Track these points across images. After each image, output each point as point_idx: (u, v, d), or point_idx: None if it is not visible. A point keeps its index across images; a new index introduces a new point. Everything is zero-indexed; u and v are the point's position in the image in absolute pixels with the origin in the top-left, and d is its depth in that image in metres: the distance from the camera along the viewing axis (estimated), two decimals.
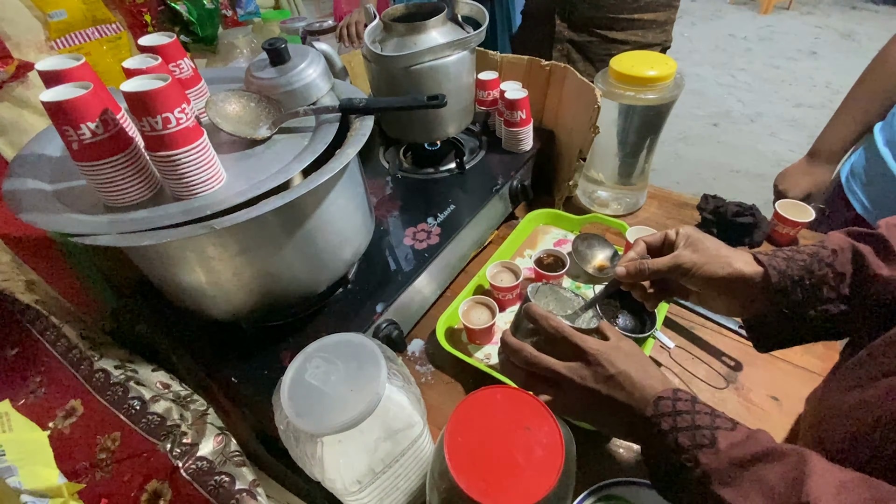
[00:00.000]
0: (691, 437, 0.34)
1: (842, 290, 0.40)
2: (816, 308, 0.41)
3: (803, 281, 0.41)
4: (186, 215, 0.45)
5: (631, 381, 0.39)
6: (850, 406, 0.39)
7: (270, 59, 0.59)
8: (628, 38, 1.12)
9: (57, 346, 0.48)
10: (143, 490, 0.37)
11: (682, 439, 0.34)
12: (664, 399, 0.36)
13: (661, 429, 0.35)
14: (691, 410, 0.35)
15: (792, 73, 3.36)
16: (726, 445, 0.32)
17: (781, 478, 0.30)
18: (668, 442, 0.34)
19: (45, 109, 0.41)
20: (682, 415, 0.35)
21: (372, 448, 0.38)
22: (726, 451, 0.32)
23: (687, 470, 0.33)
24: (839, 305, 0.40)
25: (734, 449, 0.32)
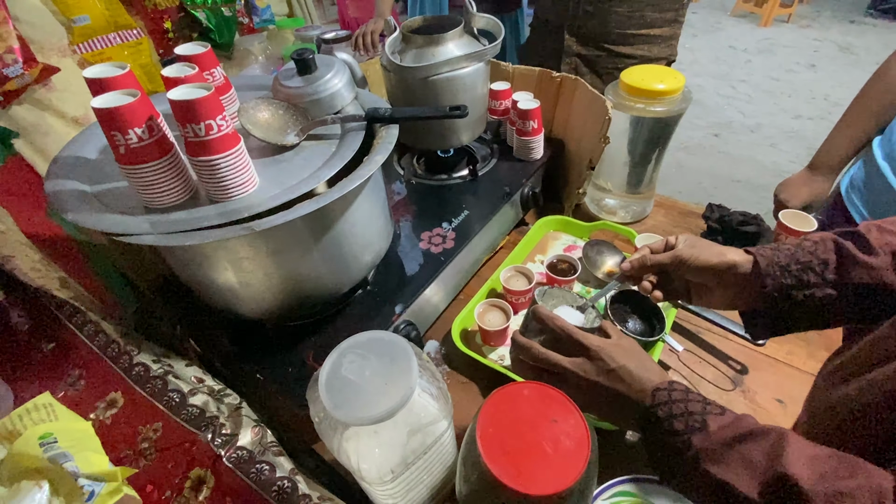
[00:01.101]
0: (685, 422, 0.37)
1: (826, 275, 0.43)
2: (804, 292, 0.44)
3: (789, 266, 0.44)
4: (223, 217, 0.47)
5: (630, 375, 0.42)
6: (835, 401, 0.42)
7: (298, 68, 0.61)
8: (635, 52, 1.15)
9: (95, 341, 0.50)
10: (186, 477, 0.38)
11: (677, 424, 0.37)
12: (661, 390, 0.40)
13: (658, 416, 0.38)
14: (685, 399, 0.39)
15: (791, 85, 3.41)
16: (716, 428, 0.36)
17: (762, 453, 0.33)
18: (664, 427, 0.38)
19: (96, 115, 0.43)
20: (676, 403, 0.38)
21: (404, 440, 0.40)
22: (716, 432, 0.36)
23: (681, 452, 0.36)
24: (824, 290, 0.43)
25: (722, 431, 0.35)
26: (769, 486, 0.32)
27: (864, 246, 0.43)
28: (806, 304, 0.44)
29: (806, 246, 0.45)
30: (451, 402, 0.45)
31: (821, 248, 0.45)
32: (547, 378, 0.45)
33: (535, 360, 0.47)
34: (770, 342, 0.70)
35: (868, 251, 0.42)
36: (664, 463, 0.39)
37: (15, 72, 0.87)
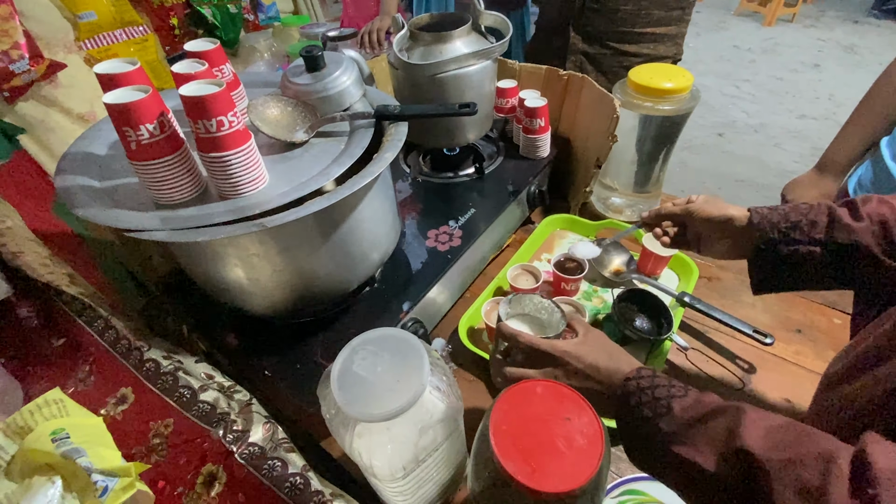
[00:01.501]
0: (652, 408, 0.38)
1: (813, 234, 0.48)
2: (788, 247, 0.49)
3: (779, 224, 0.50)
4: (233, 214, 0.47)
5: (598, 370, 0.44)
6: (840, 399, 0.43)
7: (307, 65, 0.61)
8: (640, 50, 1.15)
9: (105, 337, 0.50)
10: (198, 473, 0.38)
11: (646, 411, 0.38)
12: (630, 379, 0.41)
13: (629, 405, 0.40)
14: (651, 385, 0.40)
15: (795, 84, 3.40)
16: (679, 409, 0.37)
17: (722, 429, 0.34)
18: (636, 416, 0.39)
19: (108, 111, 0.43)
20: (644, 391, 0.40)
21: (416, 437, 0.40)
22: (680, 414, 0.37)
23: (652, 437, 0.37)
24: (808, 247, 0.48)
25: (685, 412, 0.37)
26: (729, 459, 0.33)
27: (854, 212, 0.47)
28: (790, 260, 0.49)
29: (801, 208, 0.50)
30: (461, 400, 0.45)
31: (814, 211, 0.49)
32: None
33: (511, 379, 0.49)
34: (778, 342, 0.69)
35: (856, 216, 0.46)
36: (638, 449, 0.40)
37: (21, 68, 0.87)
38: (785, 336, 0.73)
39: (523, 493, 0.33)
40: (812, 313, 0.77)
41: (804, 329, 0.74)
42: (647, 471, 0.40)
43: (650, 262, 0.79)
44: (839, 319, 0.75)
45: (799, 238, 0.48)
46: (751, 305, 0.78)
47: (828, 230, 0.47)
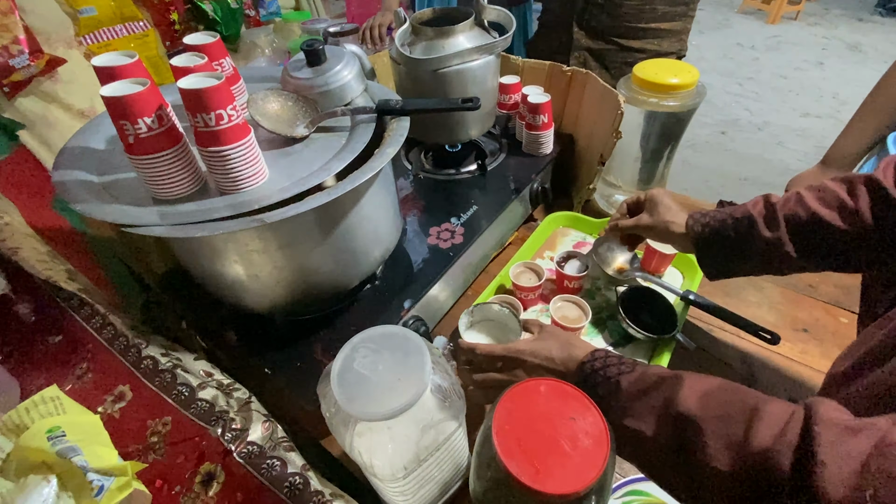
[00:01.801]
0: (605, 387, 0.41)
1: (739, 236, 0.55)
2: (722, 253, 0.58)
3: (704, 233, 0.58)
4: (233, 209, 0.46)
5: (553, 360, 0.47)
6: (843, 399, 0.41)
7: (308, 59, 0.60)
8: (644, 46, 1.13)
9: (103, 334, 0.49)
10: (196, 472, 0.38)
11: (601, 390, 0.41)
12: (585, 363, 0.44)
13: (586, 386, 0.41)
14: (603, 366, 0.43)
15: (799, 82, 3.38)
16: (626, 384, 0.40)
17: (663, 398, 0.37)
18: (594, 397, 0.39)
19: (105, 104, 0.42)
20: (597, 371, 0.43)
21: (417, 436, 0.39)
22: (627, 388, 0.40)
23: (607, 415, 0.37)
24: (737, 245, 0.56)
25: (632, 386, 0.40)
26: (668, 424, 0.36)
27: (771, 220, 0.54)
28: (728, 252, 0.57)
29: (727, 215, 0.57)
30: (463, 399, 0.44)
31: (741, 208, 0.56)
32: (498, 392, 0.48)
33: (480, 385, 0.54)
34: (784, 341, 0.68)
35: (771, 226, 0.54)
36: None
37: (21, 63, 0.87)
38: (791, 335, 0.72)
39: (526, 495, 0.32)
40: (819, 312, 0.76)
41: (811, 328, 0.73)
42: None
43: (654, 259, 0.78)
44: (846, 319, 0.74)
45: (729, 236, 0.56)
46: (756, 304, 0.77)
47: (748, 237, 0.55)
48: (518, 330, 0.59)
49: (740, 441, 0.31)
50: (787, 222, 0.53)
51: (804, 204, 0.52)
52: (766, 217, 0.54)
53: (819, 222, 0.51)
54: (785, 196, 0.55)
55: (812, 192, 0.53)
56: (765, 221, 0.54)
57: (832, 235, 0.50)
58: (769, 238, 0.53)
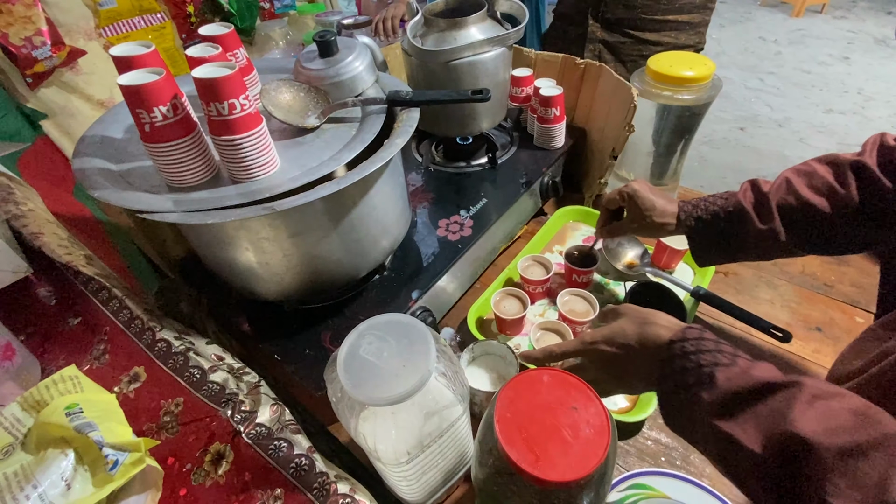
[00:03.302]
0: (695, 376, 0.36)
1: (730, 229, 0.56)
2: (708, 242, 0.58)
3: (697, 212, 0.58)
4: (244, 197, 0.47)
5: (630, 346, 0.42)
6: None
7: (320, 50, 0.61)
8: (661, 39, 1.11)
9: (119, 317, 0.51)
10: (206, 451, 0.39)
11: (688, 378, 0.36)
12: (675, 342, 0.39)
13: (672, 370, 0.38)
14: (697, 350, 0.37)
15: (823, 77, 3.29)
16: (723, 380, 0.35)
17: (772, 409, 0.32)
18: (677, 382, 0.37)
19: (122, 92, 0.43)
20: (688, 355, 0.37)
21: (421, 423, 0.40)
22: (723, 385, 0.34)
23: (692, 407, 0.35)
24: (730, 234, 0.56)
25: (729, 382, 0.34)
26: (776, 442, 0.30)
27: (763, 213, 0.53)
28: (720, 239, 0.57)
29: (718, 205, 0.57)
30: (467, 388, 0.45)
31: (732, 199, 0.56)
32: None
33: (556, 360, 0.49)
34: (796, 340, 0.68)
35: (763, 218, 0.53)
36: (676, 417, 0.38)
37: (43, 54, 0.89)
38: (804, 334, 0.71)
39: (527, 482, 0.32)
40: (833, 311, 0.74)
41: (824, 327, 0.72)
42: (685, 438, 0.39)
43: (665, 255, 0.77)
44: (861, 318, 0.73)
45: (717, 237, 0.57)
46: (769, 302, 0.76)
47: (742, 229, 0.54)
48: (516, 364, 0.59)
49: (876, 485, 0.26)
50: (779, 211, 0.53)
51: (794, 190, 0.52)
52: (757, 207, 0.54)
53: (810, 209, 0.51)
54: (775, 183, 0.55)
55: (801, 178, 0.53)
56: (757, 213, 0.54)
57: (823, 221, 0.51)
58: (763, 230, 0.53)
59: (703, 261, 0.60)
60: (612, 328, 0.44)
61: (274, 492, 0.37)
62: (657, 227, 0.61)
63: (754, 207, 0.54)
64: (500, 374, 0.62)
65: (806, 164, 0.54)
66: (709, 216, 0.57)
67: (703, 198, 0.59)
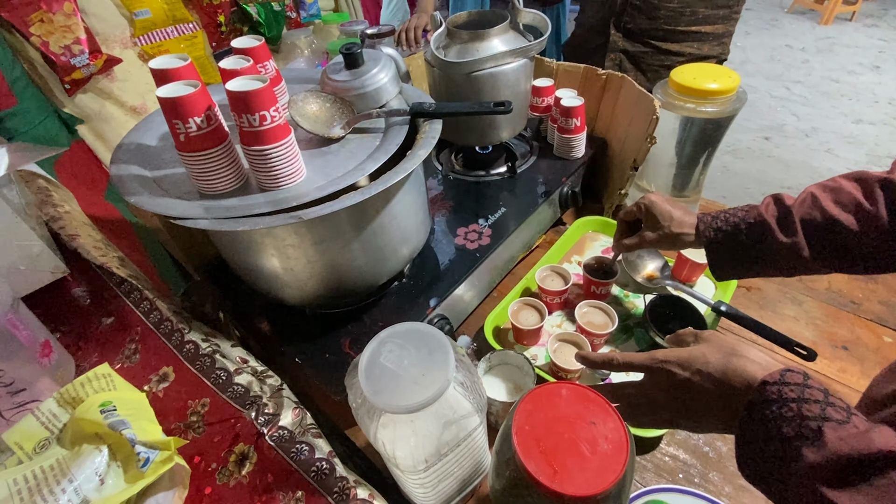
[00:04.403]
0: (796, 428, 0.31)
1: (753, 241, 0.54)
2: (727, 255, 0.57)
3: (717, 222, 0.57)
4: (272, 205, 0.48)
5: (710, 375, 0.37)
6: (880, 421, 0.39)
7: (346, 62, 0.62)
8: (684, 49, 1.11)
9: (150, 318, 0.53)
10: (231, 452, 0.40)
11: (786, 429, 0.31)
12: (770, 384, 0.34)
13: (763, 415, 0.33)
14: (799, 397, 0.32)
15: (852, 87, 3.21)
16: (835, 439, 0.29)
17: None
18: (769, 430, 0.32)
19: (160, 104, 0.45)
20: (788, 402, 0.32)
21: (439, 431, 0.40)
22: (834, 446, 0.29)
23: (787, 462, 0.31)
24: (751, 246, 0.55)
25: (843, 444, 0.29)
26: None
27: (785, 225, 0.52)
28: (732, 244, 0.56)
29: (738, 216, 0.56)
30: (485, 398, 0.45)
31: (753, 212, 0.55)
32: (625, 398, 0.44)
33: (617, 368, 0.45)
34: (821, 359, 0.66)
35: (786, 231, 0.52)
36: (758, 467, 0.34)
37: (81, 62, 0.93)
38: (829, 352, 0.69)
39: (544, 495, 0.33)
40: (860, 329, 0.72)
41: (850, 346, 0.70)
42: (763, 491, 0.35)
43: (686, 268, 0.76)
44: (890, 338, 0.71)
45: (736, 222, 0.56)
46: (793, 319, 0.74)
47: (763, 243, 0.53)
48: (533, 374, 0.59)
49: None
50: (803, 226, 0.51)
51: (820, 206, 0.51)
52: (780, 221, 0.53)
53: (836, 225, 0.50)
54: (799, 197, 0.54)
55: (827, 194, 0.52)
56: (779, 226, 0.53)
57: (849, 238, 0.49)
58: (785, 243, 0.52)
59: (721, 274, 0.59)
60: (690, 352, 0.40)
61: (295, 494, 0.38)
62: (675, 238, 0.61)
63: (777, 221, 0.53)
64: (516, 384, 0.62)
65: (832, 179, 0.53)
66: (729, 228, 0.56)
67: (724, 210, 0.59)
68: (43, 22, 0.88)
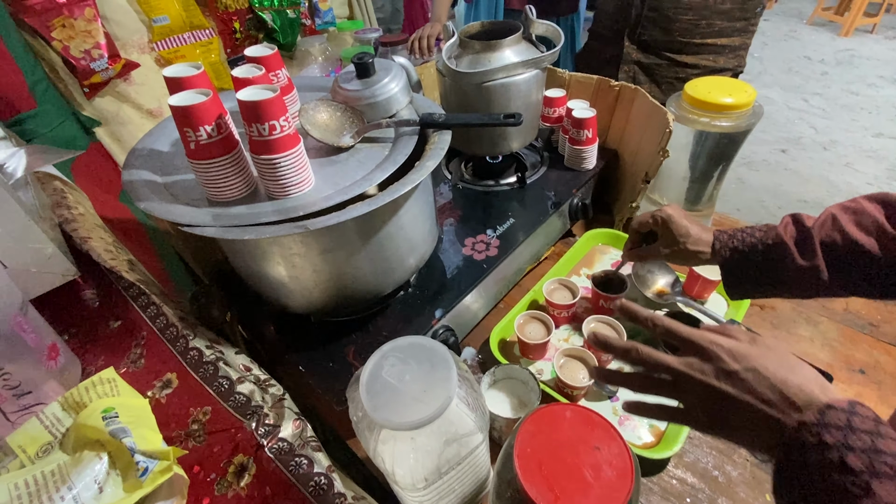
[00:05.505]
0: (866, 461, 0.28)
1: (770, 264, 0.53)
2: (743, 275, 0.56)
3: (734, 243, 0.56)
4: (280, 214, 0.48)
5: (767, 381, 0.34)
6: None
7: (357, 72, 0.62)
8: (699, 62, 1.10)
9: (156, 323, 0.53)
10: (230, 462, 0.40)
11: (853, 460, 0.29)
12: (835, 409, 0.31)
13: (822, 440, 0.30)
14: (873, 431, 0.29)
15: (872, 100, 3.14)
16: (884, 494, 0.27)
17: None
18: (829, 457, 0.29)
19: (172, 112, 0.46)
20: (857, 432, 0.29)
21: (440, 449, 0.40)
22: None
23: (850, 496, 0.28)
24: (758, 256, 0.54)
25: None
26: None
27: (804, 248, 0.51)
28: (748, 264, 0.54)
29: (756, 237, 0.55)
30: (487, 416, 0.44)
31: (772, 233, 0.54)
32: (658, 387, 0.38)
33: (637, 362, 0.39)
34: (837, 382, 0.64)
35: (804, 254, 0.51)
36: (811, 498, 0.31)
37: (100, 66, 0.95)
38: (846, 376, 0.67)
39: None
40: (878, 353, 0.70)
41: (868, 370, 0.68)
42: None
43: (697, 284, 0.75)
44: None
45: (752, 242, 0.55)
46: (809, 340, 0.72)
47: (781, 264, 0.52)
48: (538, 390, 0.59)
49: None
50: (823, 249, 0.50)
51: (840, 228, 0.50)
52: (799, 243, 0.51)
53: (857, 249, 0.48)
54: (819, 219, 0.52)
55: (848, 215, 0.50)
56: (798, 248, 0.51)
57: (871, 262, 0.48)
58: (804, 266, 0.50)
59: (736, 294, 0.58)
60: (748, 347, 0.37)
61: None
62: (690, 254, 0.60)
63: (796, 242, 0.52)
64: (520, 399, 0.61)
65: (854, 200, 0.52)
66: (745, 248, 0.55)
67: (741, 228, 0.57)
68: (64, 27, 0.90)
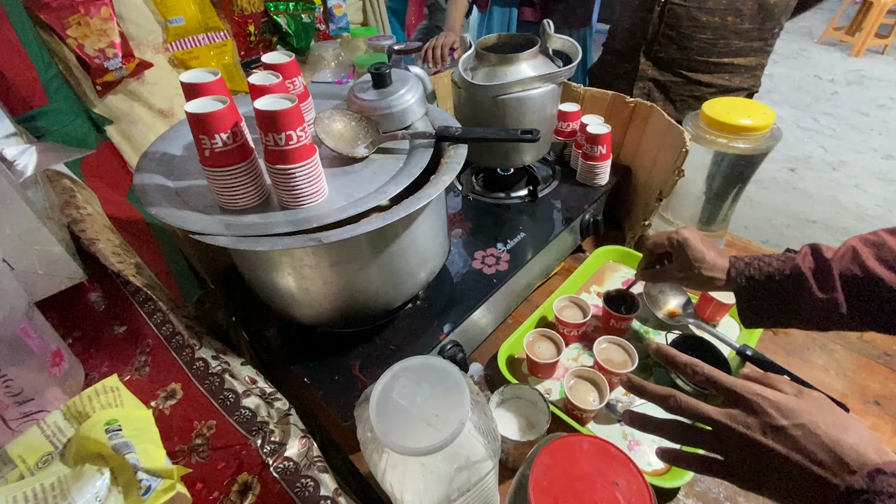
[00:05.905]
0: None
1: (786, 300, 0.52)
2: (759, 305, 0.55)
3: (750, 271, 0.55)
4: (292, 225, 0.48)
5: (818, 439, 0.32)
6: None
7: (374, 81, 0.62)
8: (714, 80, 1.09)
9: (162, 330, 0.52)
10: (234, 481, 0.39)
11: None
12: (886, 475, 0.29)
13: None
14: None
15: (883, 121, 3.14)
16: None
17: None
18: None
19: (188, 119, 0.45)
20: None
21: (451, 476, 0.38)
22: None
23: None
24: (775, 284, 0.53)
25: None
26: None
27: (823, 281, 0.50)
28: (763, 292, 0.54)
29: (773, 267, 0.54)
30: (499, 441, 0.43)
31: (790, 263, 0.53)
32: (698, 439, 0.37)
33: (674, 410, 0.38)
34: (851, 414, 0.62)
35: (823, 287, 0.50)
36: None
37: (114, 65, 0.95)
38: (860, 407, 0.66)
39: None
40: (894, 384, 0.69)
41: (883, 401, 0.67)
42: None
43: (710, 307, 0.74)
44: None
45: (768, 272, 0.54)
46: (823, 368, 0.71)
47: (798, 296, 0.51)
48: (547, 412, 0.58)
49: None
50: (842, 282, 0.49)
51: (861, 262, 0.49)
52: (817, 275, 0.50)
53: (878, 283, 0.47)
54: (839, 251, 0.51)
55: (869, 248, 0.49)
56: (816, 280, 0.50)
57: (891, 297, 0.47)
58: (822, 299, 0.50)
59: (750, 323, 0.57)
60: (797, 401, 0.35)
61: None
62: (704, 280, 0.59)
63: (814, 274, 0.51)
64: (529, 420, 0.60)
65: (875, 233, 0.51)
66: (762, 277, 0.54)
67: (758, 256, 0.56)
68: (80, 25, 0.90)
